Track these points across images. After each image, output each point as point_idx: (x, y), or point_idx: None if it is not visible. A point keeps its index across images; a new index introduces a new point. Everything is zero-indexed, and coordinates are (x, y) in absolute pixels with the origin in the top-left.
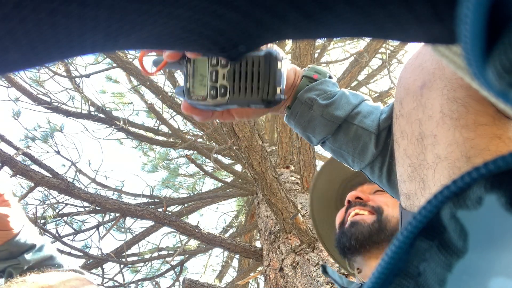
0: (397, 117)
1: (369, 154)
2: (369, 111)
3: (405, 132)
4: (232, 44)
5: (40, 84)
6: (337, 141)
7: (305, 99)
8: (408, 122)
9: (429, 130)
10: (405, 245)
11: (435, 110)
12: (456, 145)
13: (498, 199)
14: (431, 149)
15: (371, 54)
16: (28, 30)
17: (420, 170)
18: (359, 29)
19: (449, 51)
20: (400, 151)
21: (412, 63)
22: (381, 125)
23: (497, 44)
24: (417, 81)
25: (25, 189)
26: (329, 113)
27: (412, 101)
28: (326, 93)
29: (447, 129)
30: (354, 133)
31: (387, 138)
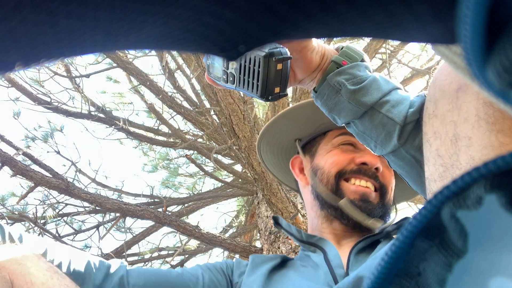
0: (430, 117)
1: (391, 143)
2: (398, 100)
3: (438, 132)
4: (232, 44)
5: (40, 84)
6: (362, 125)
7: (334, 83)
8: (443, 123)
9: (464, 132)
10: (405, 245)
11: (471, 113)
12: (492, 148)
13: (498, 199)
14: (465, 150)
15: (371, 54)
16: (28, 30)
17: (452, 170)
18: (359, 29)
19: (449, 51)
20: (431, 150)
21: (448, 66)
22: (408, 117)
23: (497, 44)
24: (453, 84)
25: (25, 189)
26: (357, 99)
27: (447, 103)
28: (356, 78)
29: (482, 132)
30: (379, 120)
31: (412, 132)
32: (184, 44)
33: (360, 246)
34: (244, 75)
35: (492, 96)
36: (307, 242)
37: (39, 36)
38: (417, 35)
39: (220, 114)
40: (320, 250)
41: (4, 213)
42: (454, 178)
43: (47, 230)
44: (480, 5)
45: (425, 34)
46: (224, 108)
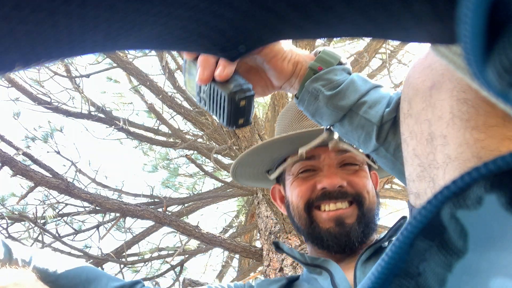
0: (405, 117)
1: (371, 144)
2: (375, 100)
3: (414, 132)
4: (232, 44)
5: (40, 84)
6: (343, 127)
7: (311, 89)
8: (417, 122)
9: (439, 131)
10: (405, 245)
11: (445, 111)
12: (467, 146)
13: (498, 199)
14: (441, 149)
15: (371, 54)
16: (28, 30)
17: (430, 169)
18: (359, 29)
19: (449, 51)
20: (409, 150)
21: (421, 63)
22: (384, 117)
23: (497, 44)
24: (426, 81)
25: (25, 189)
26: (334, 103)
27: (421, 102)
28: (333, 82)
29: (457, 129)
30: (358, 122)
31: (390, 130)
32: (184, 44)
33: (364, 258)
34: (212, 104)
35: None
36: (312, 265)
37: (39, 36)
38: (417, 35)
39: None
40: (326, 272)
41: (4, 213)
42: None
43: (47, 230)
44: (480, 5)
45: (425, 34)
46: None
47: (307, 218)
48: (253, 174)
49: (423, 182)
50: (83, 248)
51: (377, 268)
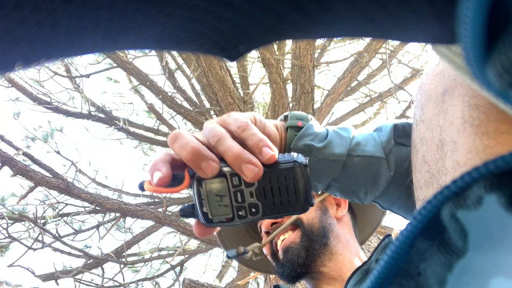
0: (417, 123)
1: (383, 180)
2: (365, 138)
3: (424, 138)
4: (232, 44)
5: (40, 84)
6: (345, 178)
7: (301, 147)
8: (429, 128)
9: (449, 137)
10: (405, 245)
11: (456, 117)
12: (476, 152)
13: (498, 199)
14: (451, 155)
15: (371, 54)
16: (28, 30)
17: (438, 176)
18: (359, 29)
19: (449, 51)
20: (418, 157)
21: (433, 69)
22: (385, 148)
23: (497, 44)
24: (439, 87)
25: (25, 189)
26: (330, 153)
27: (433, 108)
28: (318, 135)
29: (467, 135)
30: (361, 164)
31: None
32: (184, 44)
33: (353, 283)
34: (274, 197)
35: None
36: None
37: (39, 36)
38: (417, 35)
39: (220, 114)
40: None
41: (4, 213)
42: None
43: (47, 230)
44: (480, 5)
45: (425, 34)
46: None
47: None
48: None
49: (431, 189)
50: (83, 248)
51: (377, 268)
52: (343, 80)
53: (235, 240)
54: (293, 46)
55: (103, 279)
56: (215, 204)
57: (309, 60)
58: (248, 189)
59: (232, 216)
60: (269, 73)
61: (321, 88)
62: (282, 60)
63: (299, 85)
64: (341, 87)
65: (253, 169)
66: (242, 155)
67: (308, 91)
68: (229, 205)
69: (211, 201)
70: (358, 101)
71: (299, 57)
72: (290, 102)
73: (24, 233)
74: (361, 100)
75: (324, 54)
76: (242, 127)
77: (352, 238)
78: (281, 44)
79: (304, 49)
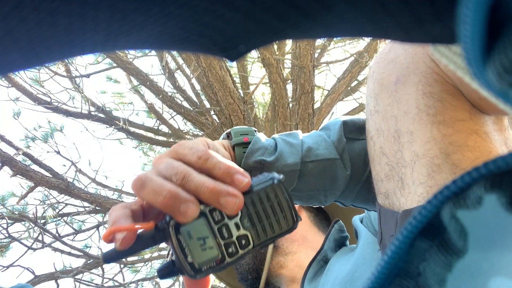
0: (372, 114)
1: (341, 180)
2: (315, 142)
3: (380, 129)
4: (232, 44)
5: (40, 84)
6: (304, 185)
7: (252, 165)
8: (384, 118)
9: (405, 127)
10: (405, 245)
11: (411, 106)
12: (434, 142)
13: (498, 199)
14: (408, 146)
15: (371, 54)
16: (28, 30)
17: (398, 168)
18: (359, 29)
19: (449, 51)
20: (376, 149)
21: (384, 57)
22: (337, 147)
23: (497, 44)
24: (391, 76)
25: (25, 189)
26: (284, 164)
27: (387, 97)
28: (268, 148)
29: (424, 125)
30: (316, 169)
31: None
32: (184, 44)
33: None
34: (262, 221)
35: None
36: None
37: (39, 36)
38: (417, 35)
39: (220, 114)
40: None
41: (4, 213)
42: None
43: (47, 230)
44: (480, 5)
45: (425, 34)
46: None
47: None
48: None
49: (391, 182)
50: (83, 248)
51: (377, 268)
52: (343, 80)
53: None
54: (293, 46)
55: (103, 279)
56: (199, 250)
57: (309, 60)
58: (233, 221)
59: (221, 256)
60: (269, 73)
61: (321, 88)
62: (282, 60)
63: (299, 85)
64: (341, 87)
65: (234, 201)
66: (219, 189)
67: (308, 91)
68: (214, 246)
69: (193, 248)
70: (358, 101)
71: (299, 57)
72: (290, 102)
73: (24, 233)
74: (361, 100)
75: (324, 54)
76: (203, 156)
77: (312, 233)
78: (281, 44)
79: (304, 49)
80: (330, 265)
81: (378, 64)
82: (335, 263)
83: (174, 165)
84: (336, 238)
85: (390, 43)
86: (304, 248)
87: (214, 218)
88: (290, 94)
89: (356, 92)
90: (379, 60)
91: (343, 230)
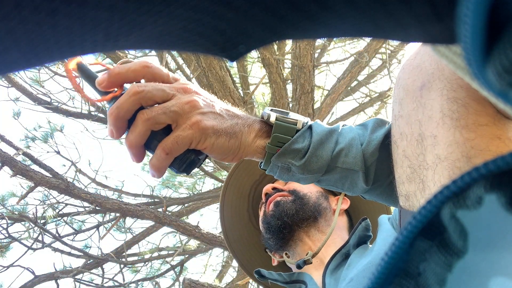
0: (396, 118)
1: (359, 189)
2: (349, 144)
3: (404, 133)
4: (232, 44)
5: (40, 84)
6: (325, 182)
7: (281, 164)
8: (408, 123)
9: (429, 131)
10: (405, 245)
11: (435, 111)
12: (457, 145)
13: (498, 199)
14: (431, 149)
15: (371, 54)
16: (28, 30)
17: (419, 171)
18: (359, 29)
19: (449, 51)
20: (399, 152)
21: (410, 63)
22: (367, 160)
23: (497, 44)
24: (416, 81)
25: (25, 189)
26: (310, 169)
27: (411, 102)
28: (300, 152)
29: (447, 129)
30: (339, 174)
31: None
32: (184, 44)
33: (332, 266)
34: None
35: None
36: (290, 282)
37: (39, 36)
38: (417, 35)
39: None
40: (304, 285)
41: (4, 213)
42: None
43: (47, 230)
44: (480, 5)
45: (425, 34)
46: None
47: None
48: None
49: (413, 184)
50: (83, 248)
51: (377, 268)
52: (343, 80)
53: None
54: (293, 46)
55: (103, 279)
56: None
57: (309, 60)
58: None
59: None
60: (269, 73)
61: (321, 88)
62: (282, 60)
63: (299, 85)
64: (341, 87)
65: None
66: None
67: (308, 91)
68: None
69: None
70: (358, 101)
71: (299, 57)
72: (290, 102)
73: (24, 233)
74: (361, 100)
75: (324, 54)
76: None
77: (345, 227)
78: (281, 44)
79: (304, 49)
80: (351, 259)
81: (404, 70)
82: (356, 257)
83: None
84: (360, 235)
85: (416, 49)
86: (335, 235)
87: None
88: (290, 94)
89: (356, 92)
90: (404, 66)
91: (369, 229)
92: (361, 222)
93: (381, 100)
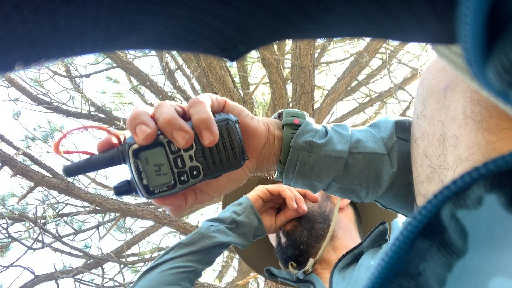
0: (419, 118)
1: (385, 177)
2: (364, 135)
3: (426, 133)
4: (232, 44)
5: (40, 84)
6: (346, 177)
7: (302, 144)
8: (430, 123)
9: (451, 132)
10: (405, 245)
11: (458, 112)
12: (478, 147)
13: (498, 199)
14: (453, 150)
15: (371, 54)
16: (28, 30)
17: (439, 170)
18: (359, 29)
19: (449, 51)
20: (419, 151)
21: (435, 65)
22: (387, 144)
23: (497, 43)
24: (441, 83)
25: (25, 189)
26: (332, 149)
27: (435, 103)
28: (318, 132)
29: (469, 131)
30: (363, 161)
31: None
32: (184, 44)
33: (342, 265)
34: (213, 156)
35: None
36: (298, 281)
37: (39, 36)
38: (417, 35)
39: None
40: (311, 285)
41: (4, 213)
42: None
43: (47, 230)
44: (480, 5)
45: (425, 34)
46: None
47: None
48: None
49: (432, 184)
50: (83, 248)
51: (377, 268)
52: (343, 80)
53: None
54: (293, 46)
55: (103, 279)
56: (154, 175)
57: (309, 60)
58: (187, 153)
59: (173, 183)
60: (269, 73)
61: (321, 88)
62: (282, 60)
63: (299, 85)
64: (341, 87)
65: (184, 136)
66: (173, 122)
67: (308, 91)
68: (168, 173)
69: (149, 172)
70: (358, 101)
71: (299, 57)
72: (290, 102)
73: (24, 233)
74: (361, 100)
75: (324, 54)
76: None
77: (354, 229)
78: (281, 44)
79: (304, 49)
80: (362, 260)
81: (429, 71)
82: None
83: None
84: (375, 239)
85: None
86: (348, 237)
87: (171, 149)
88: (290, 94)
89: (356, 92)
90: (430, 67)
91: (386, 234)
92: (379, 225)
93: (381, 100)
